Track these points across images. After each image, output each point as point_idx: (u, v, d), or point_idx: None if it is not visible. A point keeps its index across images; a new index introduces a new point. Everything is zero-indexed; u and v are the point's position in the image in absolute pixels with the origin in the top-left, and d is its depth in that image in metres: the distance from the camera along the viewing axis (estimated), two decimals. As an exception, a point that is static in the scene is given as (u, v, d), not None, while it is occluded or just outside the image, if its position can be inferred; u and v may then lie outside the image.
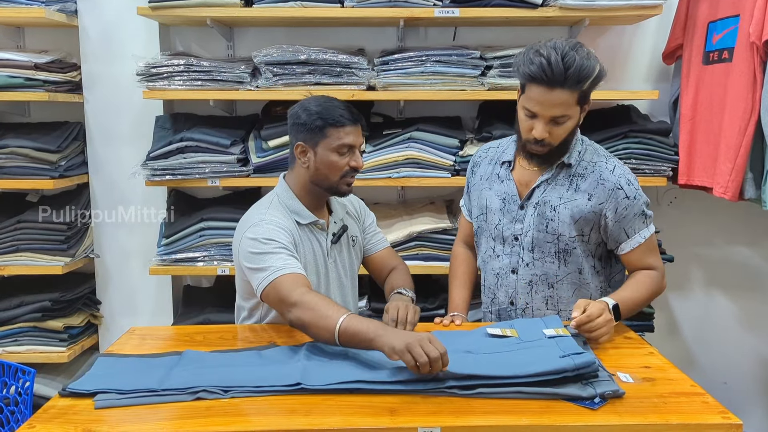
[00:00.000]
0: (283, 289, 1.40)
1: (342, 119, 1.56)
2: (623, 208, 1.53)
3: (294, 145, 1.61)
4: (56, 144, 2.26)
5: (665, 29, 2.33)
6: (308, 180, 1.61)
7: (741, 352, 2.58)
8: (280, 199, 1.63)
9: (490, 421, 1.09)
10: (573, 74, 1.40)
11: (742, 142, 1.95)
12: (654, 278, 1.59)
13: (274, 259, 1.46)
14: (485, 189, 1.67)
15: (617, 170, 1.55)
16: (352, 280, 1.75)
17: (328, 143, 1.56)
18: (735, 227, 2.51)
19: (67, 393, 1.18)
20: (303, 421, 1.09)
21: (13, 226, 2.29)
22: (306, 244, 1.61)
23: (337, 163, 1.57)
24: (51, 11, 2.20)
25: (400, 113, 2.46)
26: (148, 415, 1.12)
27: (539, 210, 1.56)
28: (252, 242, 1.50)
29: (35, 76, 2.20)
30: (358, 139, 1.59)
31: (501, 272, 1.64)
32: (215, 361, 1.31)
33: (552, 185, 1.57)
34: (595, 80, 1.45)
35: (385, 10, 2.11)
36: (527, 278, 1.60)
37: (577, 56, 1.40)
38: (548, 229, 1.56)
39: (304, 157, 1.59)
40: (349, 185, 1.63)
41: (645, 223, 1.57)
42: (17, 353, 2.27)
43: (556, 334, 1.32)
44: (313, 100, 1.61)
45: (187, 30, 2.43)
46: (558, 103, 1.43)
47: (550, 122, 1.46)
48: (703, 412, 1.13)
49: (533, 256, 1.59)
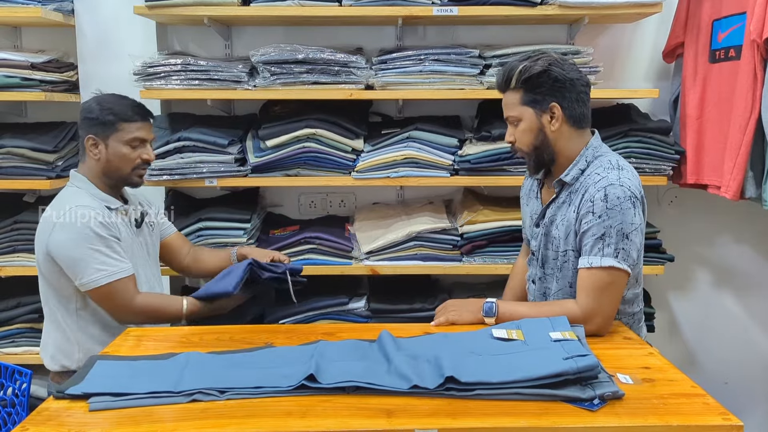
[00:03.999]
0: (124, 298, 1.68)
1: (133, 115, 1.72)
2: (586, 222, 1.46)
3: (84, 138, 1.71)
4: (53, 144, 2.24)
5: (665, 27, 2.31)
6: (100, 171, 1.73)
7: (742, 352, 2.56)
8: (86, 190, 1.73)
9: (488, 422, 1.08)
10: (507, 75, 1.53)
11: (742, 140, 1.94)
12: (567, 313, 1.42)
13: (96, 261, 1.65)
14: (525, 204, 1.76)
15: (602, 182, 1.46)
16: (156, 263, 1.92)
17: (120, 137, 1.70)
18: (736, 226, 2.49)
19: (62, 395, 1.17)
20: (299, 424, 1.08)
21: (10, 227, 2.27)
22: (121, 227, 1.73)
23: (128, 156, 1.72)
24: (48, 11, 2.19)
25: (398, 112, 2.45)
26: (143, 418, 1.11)
27: (545, 229, 1.60)
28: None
29: (32, 75, 2.19)
30: (149, 134, 1.76)
31: (528, 280, 1.72)
32: (217, 363, 1.29)
33: (557, 204, 1.58)
34: (519, 78, 1.49)
35: (383, 8, 2.10)
36: (541, 291, 1.66)
37: (511, 62, 1.54)
38: (552, 248, 1.59)
39: (95, 150, 1.71)
40: (141, 177, 1.78)
41: (601, 250, 1.43)
42: (14, 354, 2.27)
43: (563, 337, 1.30)
44: (106, 97, 1.75)
45: (185, 29, 2.42)
46: (504, 105, 1.57)
47: (511, 125, 1.57)
48: (704, 413, 1.12)
49: (543, 272, 1.63)
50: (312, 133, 2.15)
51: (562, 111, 1.51)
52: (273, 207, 2.53)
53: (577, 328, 1.36)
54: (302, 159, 2.18)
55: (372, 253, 2.22)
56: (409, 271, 2.24)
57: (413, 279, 2.31)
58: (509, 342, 1.33)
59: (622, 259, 1.44)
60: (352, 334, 1.45)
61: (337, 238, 2.24)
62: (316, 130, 2.15)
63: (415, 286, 2.31)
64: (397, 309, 2.22)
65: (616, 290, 1.46)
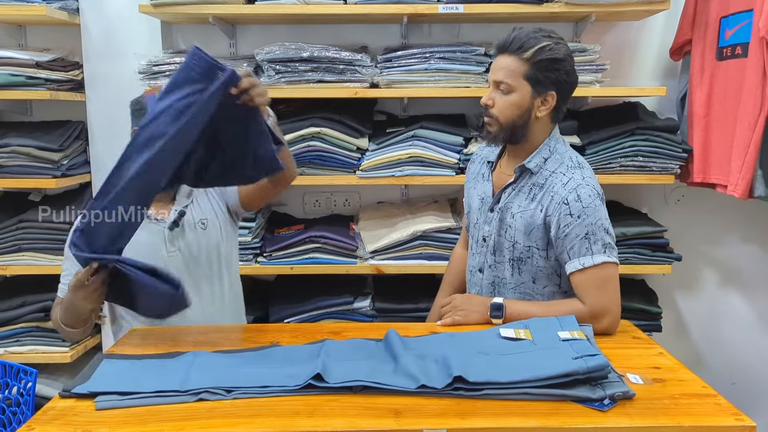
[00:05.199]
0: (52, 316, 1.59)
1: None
2: (565, 225, 1.44)
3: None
4: (58, 143, 2.24)
5: (673, 25, 2.30)
6: None
7: (750, 352, 2.55)
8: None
9: (497, 422, 1.07)
10: (516, 40, 1.44)
11: (751, 138, 1.93)
12: (575, 312, 1.41)
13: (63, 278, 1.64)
14: (471, 188, 1.68)
15: (570, 183, 1.46)
16: (209, 266, 1.68)
17: None
18: (744, 225, 2.48)
19: (69, 394, 1.17)
20: (306, 423, 1.07)
21: (15, 226, 2.27)
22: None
23: None
24: (53, 9, 2.19)
25: (403, 111, 2.45)
26: (150, 417, 1.10)
27: (501, 215, 1.55)
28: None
29: (37, 74, 2.19)
30: None
31: (473, 270, 1.65)
32: (224, 362, 1.29)
33: (516, 191, 1.54)
34: (539, 53, 1.42)
35: (388, 6, 2.09)
36: (490, 279, 1.60)
37: (530, 31, 1.45)
38: (506, 235, 1.54)
39: None
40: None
41: (590, 249, 1.43)
42: (19, 353, 2.26)
43: (571, 337, 1.29)
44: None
45: (189, 28, 2.41)
46: (501, 67, 1.47)
47: (497, 89, 1.48)
48: (716, 413, 1.11)
49: (495, 259, 1.58)
50: (317, 131, 2.15)
51: (555, 102, 1.49)
52: (277, 206, 2.53)
53: (585, 328, 1.35)
54: (307, 158, 2.18)
55: (377, 253, 2.21)
56: (414, 271, 2.23)
57: (418, 278, 2.30)
58: (517, 341, 1.32)
59: (610, 252, 1.45)
60: (358, 334, 1.44)
61: (342, 237, 2.23)
62: (321, 129, 2.14)
63: (419, 285, 2.30)
64: (402, 308, 2.21)
65: (614, 284, 1.46)
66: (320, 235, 2.23)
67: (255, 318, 2.24)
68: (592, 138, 2.18)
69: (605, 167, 2.16)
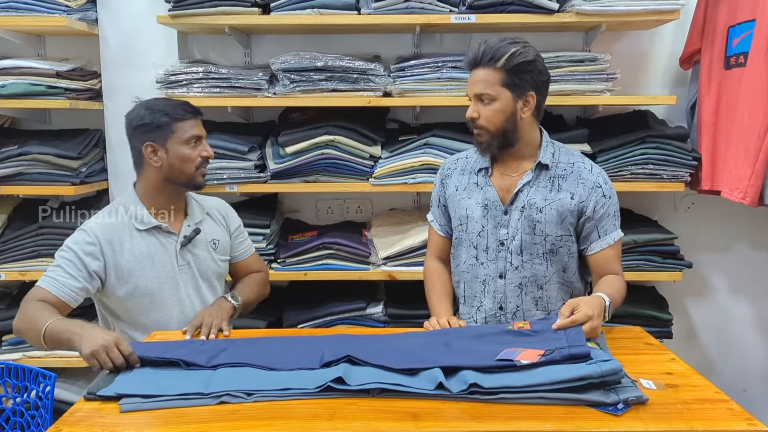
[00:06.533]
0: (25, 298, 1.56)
1: (185, 113, 1.66)
2: (601, 206, 1.59)
3: (142, 147, 1.65)
4: (77, 151, 2.29)
5: (682, 34, 2.32)
6: (162, 179, 1.67)
7: (760, 359, 2.55)
8: (123, 206, 1.69)
9: (513, 426, 1.09)
10: (487, 52, 1.53)
11: (761, 146, 1.94)
12: (623, 284, 1.60)
13: (50, 269, 1.61)
14: (464, 199, 1.68)
15: (595, 169, 1.63)
16: (210, 282, 1.77)
17: (178, 137, 1.64)
18: (754, 233, 2.48)
19: (93, 397, 1.20)
20: (326, 426, 1.10)
21: (35, 232, 2.31)
22: (141, 247, 1.65)
23: (189, 155, 1.65)
24: (72, 20, 2.23)
25: (415, 119, 2.47)
26: (173, 419, 1.13)
27: (525, 213, 1.59)
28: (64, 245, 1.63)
29: (57, 84, 2.24)
30: (202, 131, 1.70)
31: (487, 278, 1.64)
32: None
33: (535, 188, 1.60)
34: (511, 59, 1.50)
35: (401, 16, 2.12)
36: (516, 281, 1.62)
37: (497, 41, 1.53)
38: (536, 231, 1.59)
39: (155, 156, 1.65)
40: (204, 176, 1.71)
41: (615, 225, 1.63)
42: (38, 357, 2.29)
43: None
44: (152, 101, 1.69)
45: (205, 38, 2.45)
46: (478, 80, 1.55)
47: (479, 102, 1.56)
48: (729, 418, 1.12)
49: (522, 259, 1.61)
50: (331, 139, 2.18)
51: (535, 101, 1.57)
52: (290, 213, 2.56)
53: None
54: (321, 165, 2.21)
55: (389, 259, 2.23)
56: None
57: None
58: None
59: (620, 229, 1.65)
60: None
61: (355, 243, 2.26)
62: (335, 137, 2.18)
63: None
64: (414, 314, 2.22)
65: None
66: (333, 242, 2.25)
67: (269, 323, 2.27)
68: (602, 146, 2.20)
69: (616, 175, 2.17)
